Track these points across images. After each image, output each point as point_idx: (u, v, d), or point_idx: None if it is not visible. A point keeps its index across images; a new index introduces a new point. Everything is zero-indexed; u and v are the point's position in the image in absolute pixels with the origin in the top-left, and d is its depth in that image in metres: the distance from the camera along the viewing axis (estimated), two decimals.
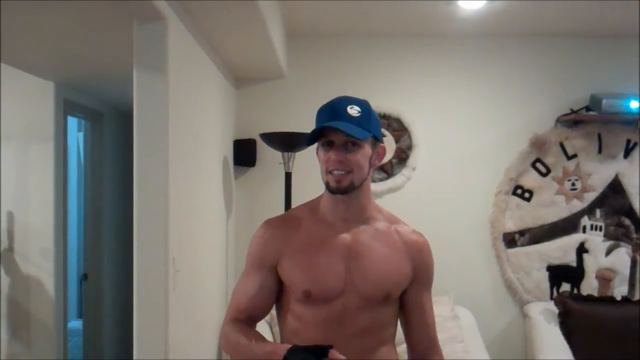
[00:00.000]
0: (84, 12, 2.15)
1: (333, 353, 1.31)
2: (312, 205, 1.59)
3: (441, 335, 3.13)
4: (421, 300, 1.59)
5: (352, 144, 1.46)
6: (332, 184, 1.48)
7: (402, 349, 1.65)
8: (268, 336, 2.99)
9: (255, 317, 1.56)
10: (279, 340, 1.63)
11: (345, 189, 1.47)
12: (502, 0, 2.93)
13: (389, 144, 3.54)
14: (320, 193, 1.59)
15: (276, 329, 2.97)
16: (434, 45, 3.58)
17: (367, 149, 1.49)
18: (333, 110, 1.47)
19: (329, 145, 1.47)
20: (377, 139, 1.53)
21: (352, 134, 1.43)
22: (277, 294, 1.56)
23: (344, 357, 1.31)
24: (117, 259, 4.28)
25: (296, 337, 1.50)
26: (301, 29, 3.46)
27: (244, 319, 1.54)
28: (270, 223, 1.59)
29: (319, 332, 1.47)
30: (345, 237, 1.52)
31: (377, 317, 1.51)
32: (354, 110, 1.46)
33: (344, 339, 1.45)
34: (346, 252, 1.50)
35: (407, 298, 1.57)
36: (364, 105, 1.50)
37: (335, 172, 1.46)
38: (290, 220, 1.58)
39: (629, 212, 3.53)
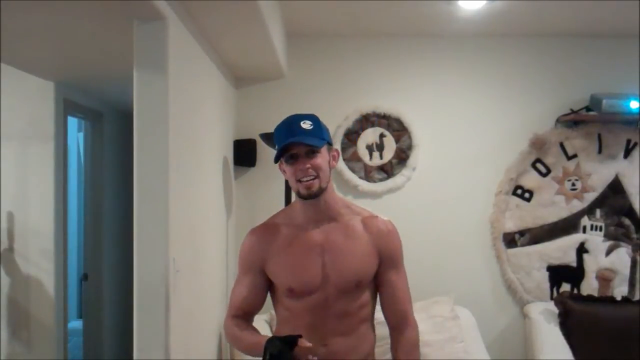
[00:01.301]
0: (84, 12, 2.14)
1: (302, 341, 1.55)
2: (288, 212, 1.85)
3: (441, 335, 3.17)
4: (389, 279, 1.78)
5: (312, 152, 1.69)
6: (303, 190, 1.69)
7: None
8: (267, 333, 2.98)
9: (249, 312, 1.84)
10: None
11: (316, 193, 1.69)
12: (502, 0, 2.93)
13: (389, 144, 3.54)
14: None
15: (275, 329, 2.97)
16: (434, 45, 3.58)
17: (325, 154, 1.72)
18: (289, 128, 1.70)
19: (292, 158, 1.69)
20: (330, 144, 1.77)
21: (312, 143, 1.67)
22: (266, 291, 1.83)
23: (310, 345, 1.54)
24: (117, 259, 4.28)
25: (288, 324, 1.76)
26: (301, 29, 3.46)
27: (241, 315, 1.82)
28: (254, 232, 1.85)
29: (304, 319, 1.73)
30: (318, 236, 1.75)
31: (353, 301, 1.74)
32: (307, 125, 1.69)
33: (327, 322, 1.72)
34: (320, 250, 1.74)
35: (377, 278, 1.79)
36: (314, 118, 1.73)
37: (305, 180, 1.68)
38: (270, 228, 1.82)
39: (629, 212, 3.53)
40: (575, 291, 3.49)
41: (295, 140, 1.67)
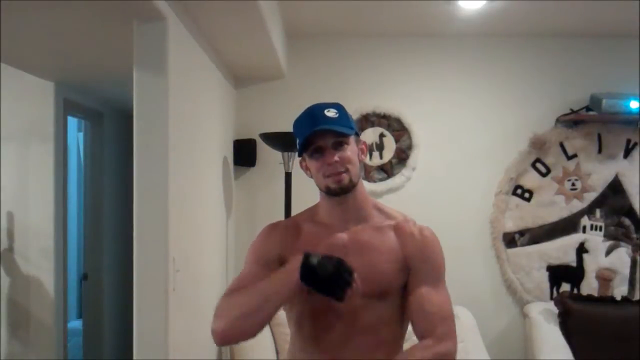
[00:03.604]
0: (84, 12, 2.15)
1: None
2: (312, 211, 1.64)
3: None
4: (420, 291, 1.50)
5: (340, 144, 1.50)
6: (333, 185, 1.50)
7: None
8: (268, 336, 2.98)
9: None
10: (280, 343, 1.63)
11: (347, 187, 1.51)
12: (502, 0, 2.93)
13: (389, 144, 3.54)
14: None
15: (276, 329, 2.97)
16: (434, 45, 3.58)
17: (353, 146, 1.53)
18: (312, 117, 1.51)
19: (317, 152, 1.51)
20: (358, 135, 1.59)
21: (341, 130, 1.48)
22: None
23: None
24: (117, 259, 4.28)
25: (301, 333, 1.56)
26: (301, 29, 3.46)
27: None
28: (273, 226, 1.65)
29: (315, 329, 1.52)
30: (342, 237, 1.54)
31: (376, 315, 1.51)
32: (331, 113, 1.50)
33: (344, 336, 1.49)
34: (342, 252, 1.51)
35: (407, 292, 1.54)
36: (338, 106, 1.54)
37: (333, 174, 1.49)
38: (291, 224, 1.63)
39: (629, 212, 3.53)
40: (575, 291, 3.48)
41: (321, 128, 1.47)
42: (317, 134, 1.48)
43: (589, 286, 3.48)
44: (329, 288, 1.36)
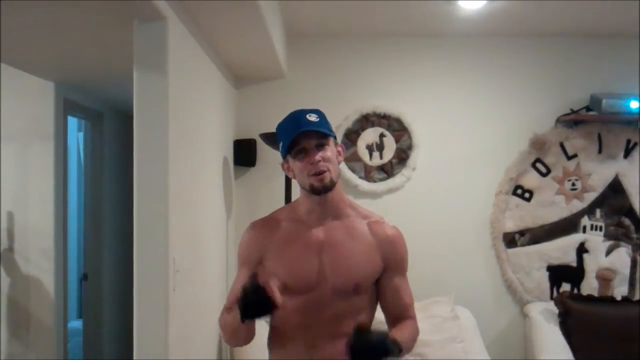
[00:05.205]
0: (84, 12, 2.15)
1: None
2: (292, 207, 1.79)
3: (441, 335, 3.18)
4: (394, 284, 1.73)
5: (322, 145, 1.63)
6: (317, 184, 1.63)
7: None
8: (267, 334, 2.98)
9: None
10: None
11: (328, 186, 1.63)
12: (502, 0, 2.93)
13: (389, 144, 3.54)
14: None
15: None
16: (434, 45, 3.58)
17: (333, 147, 1.67)
18: (296, 122, 1.64)
19: (301, 152, 1.63)
20: (335, 138, 1.72)
21: (323, 131, 1.63)
22: None
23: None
24: (117, 259, 4.28)
25: (282, 324, 1.71)
26: (301, 29, 3.46)
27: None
28: (253, 226, 1.78)
29: (296, 319, 1.67)
30: (319, 235, 1.68)
31: (350, 305, 1.67)
32: (312, 117, 1.64)
33: (322, 325, 1.65)
34: (319, 249, 1.67)
35: (381, 284, 1.73)
36: (318, 112, 1.68)
37: (317, 173, 1.61)
38: (271, 222, 1.76)
39: (629, 212, 3.53)
40: (575, 291, 3.49)
41: (307, 129, 1.60)
42: (301, 136, 1.61)
43: (589, 286, 3.48)
44: (257, 311, 1.48)
